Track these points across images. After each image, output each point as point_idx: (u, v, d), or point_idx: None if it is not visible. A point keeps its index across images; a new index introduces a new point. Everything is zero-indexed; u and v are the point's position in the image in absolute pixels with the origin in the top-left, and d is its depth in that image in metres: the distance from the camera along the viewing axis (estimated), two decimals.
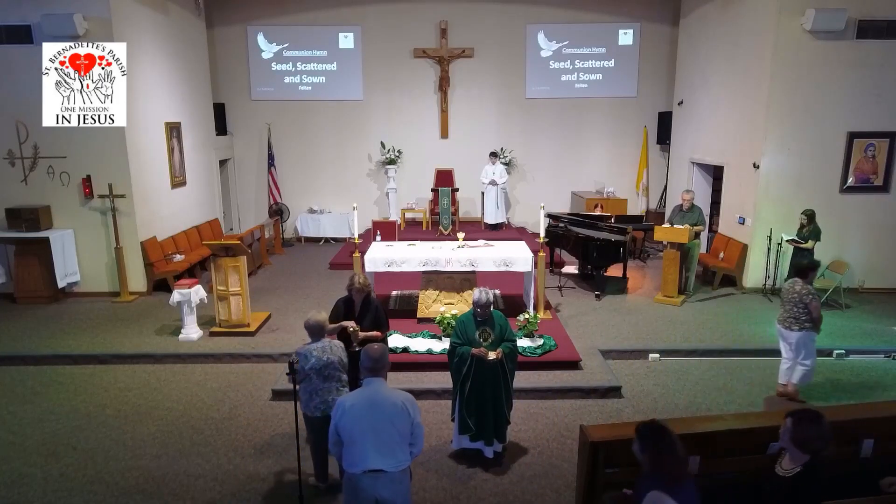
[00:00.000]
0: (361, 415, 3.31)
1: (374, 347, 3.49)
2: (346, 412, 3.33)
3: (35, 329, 7.99)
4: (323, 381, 4.37)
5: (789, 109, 8.94)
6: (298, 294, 9.49)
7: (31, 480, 4.87)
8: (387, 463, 3.31)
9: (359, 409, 3.32)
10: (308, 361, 4.32)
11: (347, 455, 3.36)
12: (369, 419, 3.30)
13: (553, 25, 12.97)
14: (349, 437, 3.32)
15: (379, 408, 3.32)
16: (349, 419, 3.31)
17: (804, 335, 5.91)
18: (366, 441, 3.29)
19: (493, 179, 12.32)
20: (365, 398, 3.36)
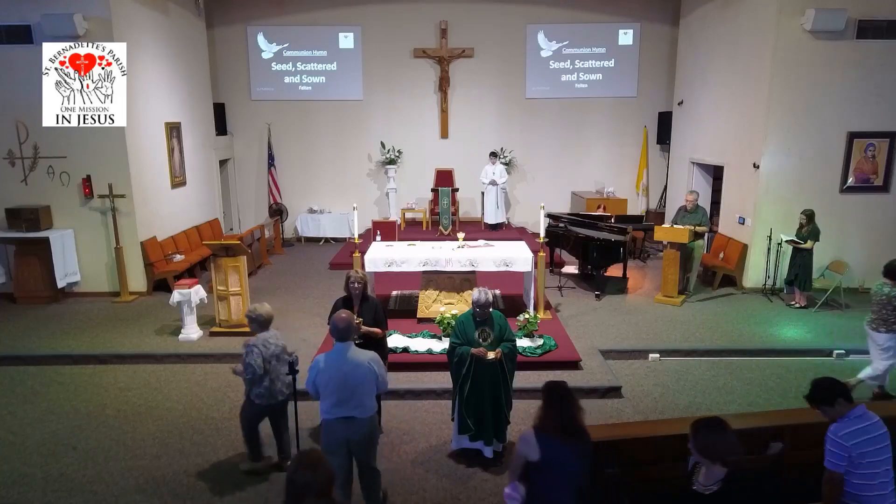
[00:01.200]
0: (333, 372, 3.87)
1: (342, 317, 3.98)
2: (321, 371, 3.91)
3: (35, 329, 7.99)
4: (282, 366, 4.66)
5: (789, 109, 8.94)
6: (298, 294, 9.50)
7: (31, 480, 4.87)
8: (356, 411, 3.93)
9: (331, 367, 3.89)
10: (268, 349, 4.58)
11: (324, 404, 3.96)
12: (340, 375, 3.86)
13: (553, 25, 12.97)
14: (324, 390, 3.90)
15: (347, 366, 3.89)
16: (324, 376, 3.89)
17: (892, 337, 5.77)
18: (337, 393, 3.88)
19: (493, 179, 12.32)
20: (336, 358, 3.92)
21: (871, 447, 3.03)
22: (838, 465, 3.05)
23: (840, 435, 3.05)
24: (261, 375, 4.56)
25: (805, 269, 8.47)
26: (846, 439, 3.03)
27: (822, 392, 3.19)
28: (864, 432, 3.05)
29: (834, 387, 3.17)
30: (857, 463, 3.02)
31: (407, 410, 5.96)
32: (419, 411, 5.98)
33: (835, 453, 3.06)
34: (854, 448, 3.01)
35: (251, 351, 4.54)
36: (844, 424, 3.09)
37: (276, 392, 4.68)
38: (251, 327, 4.72)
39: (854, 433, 3.04)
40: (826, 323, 8.10)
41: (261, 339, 4.63)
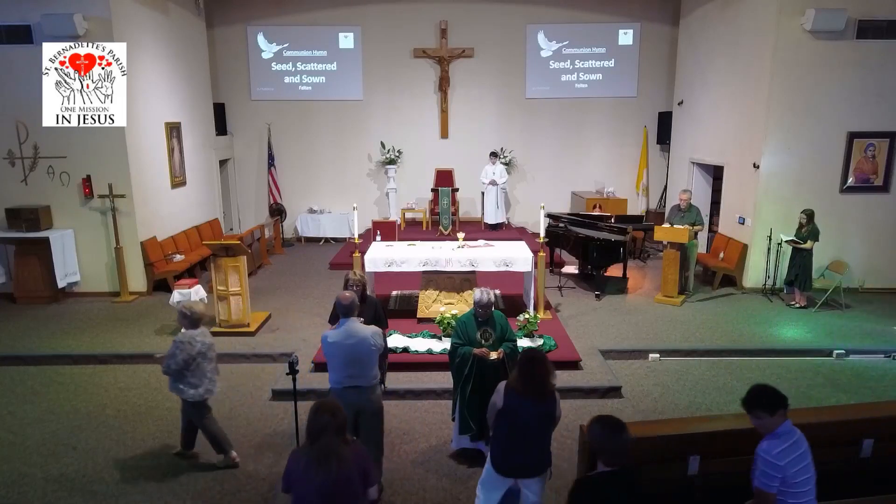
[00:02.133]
0: (339, 346, 4.20)
1: (346, 295, 4.33)
2: (328, 345, 4.23)
3: (35, 329, 7.99)
4: (208, 363, 4.81)
5: (789, 109, 8.94)
6: (298, 294, 9.50)
7: (31, 480, 4.87)
8: (361, 380, 4.27)
9: (337, 341, 4.21)
10: (194, 347, 4.70)
11: (332, 375, 4.31)
12: (345, 349, 4.20)
13: (553, 25, 12.97)
14: (332, 361, 4.26)
15: (352, 339, 4.21)
16: (332, 349, 4.22)
17: None
18: (344, 365, 4.23)
19: (493, 179, 12.31)
20: (341, 333, 4.24)
21: (800, 464, 2.96)
22: (771, 485, 2.94)
23: (774, 454, 2.94)
24: (177, 371, 4.68)
25: (805, 269, 8.47)
26: (780, 458, 2.93)
27: (767, 399, 3.08)
28: (794, 449, 2.98)
29: (777, 396, 3.07)
30: (791, 482, 2.94)
31: (407, 410, 5.97)
32: (419, 411, 5.98)
33: (768, 473, 2.94)
34: (788, 467, 2.93)
35: (175, 346, 4.68)
36: (776, 443, 2.98)
37: (203, 389, 4.82)
38: (182, 323, 4.81)
39: (786, 451, 2.95)
40: (826, 323, 8.10)
41: (187, 336, 4.73)
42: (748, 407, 3.12)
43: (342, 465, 2.84)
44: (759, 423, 3.10)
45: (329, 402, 3.03)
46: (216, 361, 4.96)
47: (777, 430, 3.03)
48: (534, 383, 3.56)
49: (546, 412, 3.63)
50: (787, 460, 2.94)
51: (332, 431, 2.85)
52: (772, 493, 2.96)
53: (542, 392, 3.58)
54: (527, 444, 3.65)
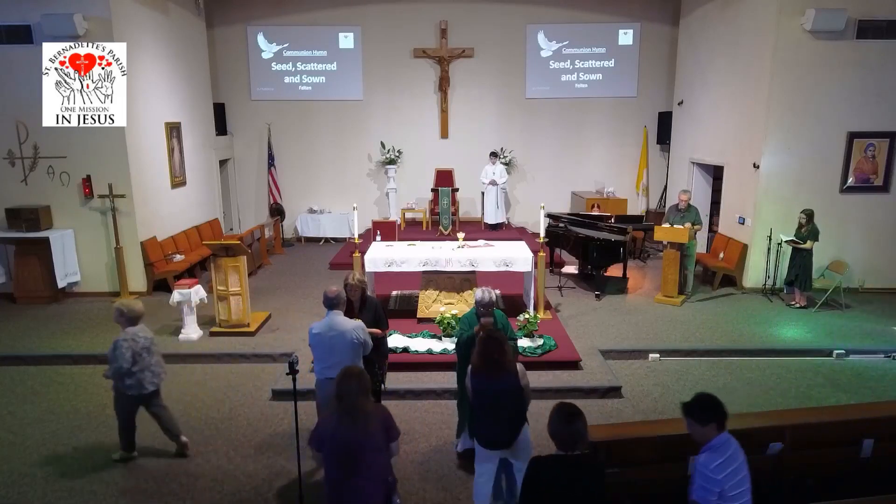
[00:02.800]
0: (322, 337, 4.47)
1: (332, 289, 4.59)
2: (313, 336, 4.51)
3: (35, 329, 7.99)
4: (151, 357, 4.94)
5: (789, 109, 8.94)
6: (298, 294, 9.49)
7: (31, 480, 4.87)
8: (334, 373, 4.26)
9: (321, 333, 4.48)
10: (137, 343, 4.83)
11: (316, 365, 4.61)
12: (327, 340, 4.46)
13: (553, 25, 12.97)
14: (315, 352, 4.56)
15: (333, 332, 4.47)
16: (314, 340, 4.50)
17: None
18: (325, 356, 4.48)
19: (493, 179, 12.31)
20: (324, 325, 4.51)
21: (736, 477, 2.95)
22: (710, 499, 2.92)
23: (711, 468, 2.92)
24: (128, 368, 4.77)
25: (805, 269, 8.47)
26: (717, 472, 2.91)
27: (701, 408, 3.04)
28: (730, 462, 2.96)
29: (717, 408, 3.03)
30: (727, 496, 2.92)
31: (407, 410, 5.96)
32: (419, 411, 5.98)
33: (706, 488, 2.92)
34: (725, 480, 2.91)
35: (119, 346, 4.77)
36: (714, 456, 2.97)
37: (146, 383, 4.91)
38: (119, 322, 4.90)
39: (723, 465, 2.94)
40: (826, 323, 8.10)
41: (129, 334, 4.84)
42: (683, 411, 3.10)
43: (368, 421, 3.23)
44: (690, 429, 3.10)
45: (354, 368, 3.44)
46: (159, 354, 5.09)
47: (713, 442, 3.01)
48: (490, 360, 3.85)
49: (509, 386, 3.89)
50: (724, 474, 2.93)
51: (358, 392, 3.22)
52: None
53: (498, 368, 3.85)
54: (498, 417, 3.92)
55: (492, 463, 4.06)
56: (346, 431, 3.19)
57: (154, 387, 5.00)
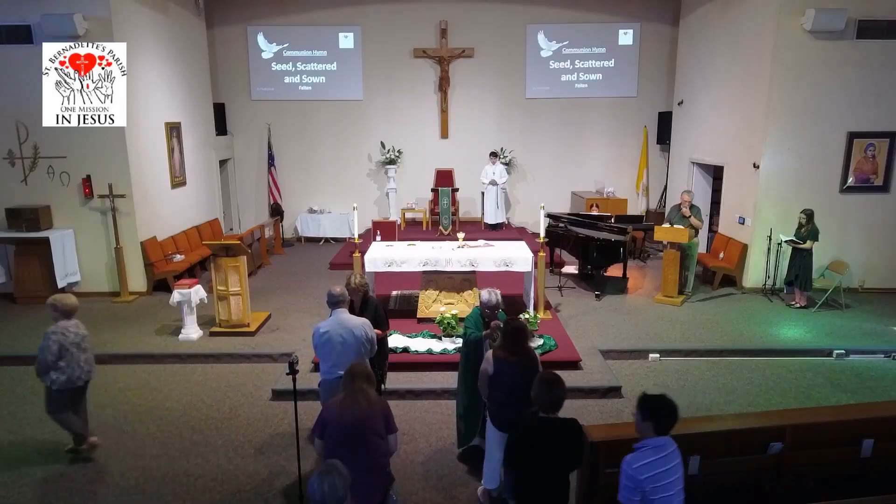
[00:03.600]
0: (333, 335, 4.43)
1: (336, 290, 4.58)
2: (321, 335, 4.44)
3: (35, 329, 7.97)
4: (81, 353, 4.94)
5: (789, 109, 8.94)
6: (298, 294, 9.49)
7: (31, 480, 4.87)
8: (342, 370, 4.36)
9: (331, 331, 4.44)
10: (67, 337, 4.83)
11: (324, 365, 4.54)
12: (336, 338, 4.43)
13: (553, 25, 12.97)
14: (322, 351, 4.48)
15: (342, 329, 4.47)
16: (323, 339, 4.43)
17: None
18: (336, 354, 4.45)
19: (493, 179, 12.32)
20: (334, 323, 4.49)
21: (662, 481, 2.92)
22: (631, 498, 2.94)
23: (634, 468, 2.93)
24: (54, 361, 4.77)
25: (805, 269, 8.47)
26: (639, 472, 2.91)
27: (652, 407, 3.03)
28: (660, 464, 2.94)
29: (662, 411, 3.01)
30: (650, 499, 2.92)
31: (407, 410, 5.96)
32: (419, 411, 5.98)
33: (628, 487, 2.94)
34: (647, 482, 2.90)
35: (47, 338, 4.77)
36: (639, 456, 2.98)
37: (74, 378, 4.91)
38: (53, 315, 4.90)
39: (648, 466, 2.92)
40: (826, 323, 8.11)
41: (60, 327, 4.84)
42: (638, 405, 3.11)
43: (369, 403, 3.47)
44: (635, 420, 3.11)
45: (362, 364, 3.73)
46: (91, 352, 5.07)
47: (645, 441, 3.02)
48: (517, 348, 4.10)
49: (530, 370, 4.04)
50: (647, 475, 2.90)
51: (362, 378, 3.51)
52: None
53: (523, 354, 4.13)
54: (516, 400, 4.07)
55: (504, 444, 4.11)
56: (349, 412, 3.40)
57: (82, 383, 5.01)
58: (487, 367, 4.19)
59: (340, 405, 3.45)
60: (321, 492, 2.53)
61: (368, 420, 3.42)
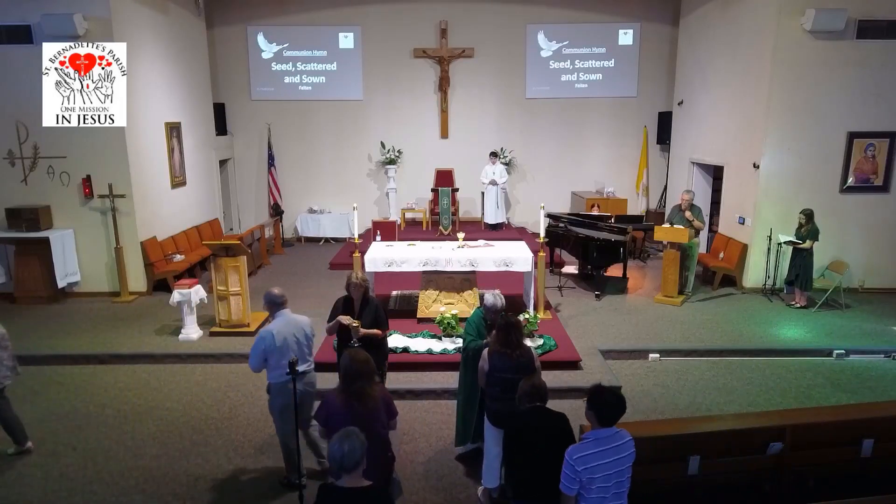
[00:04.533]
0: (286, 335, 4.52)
1: (276, 290, 4.66)
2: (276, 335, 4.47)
3: (35, 329, 7.99)
4: (3, 352, 5.01)
5: (789, 109, 8.94)
6: (298, 294, 9.47)
7: (31, 480, 4.87)
8: (303, 366, 4.60)
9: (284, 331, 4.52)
10: None
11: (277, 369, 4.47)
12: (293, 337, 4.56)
13: (553, 25, 12.97)
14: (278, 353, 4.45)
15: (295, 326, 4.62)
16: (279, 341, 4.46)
17: None
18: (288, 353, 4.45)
19: (493, 179, 12.32)
20: (284, 324, 4.57)
21: (598, 473, 2.99)
22: (570, 487, 3.03)
23: (574, 458, 3.01)
24: None
25: (806, 268, 8.47)
26: (578, 463, 2.99)
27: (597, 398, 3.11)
28: (598, 457, 3.00)
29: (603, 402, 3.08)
30: (588, 488, 3.00)
31: (407, 410, 5.96)
32: (419, 411, 5.98)
33: (567, 475, 3.03)
34: (584, 473, 2.98)
35: None
36: (581, 447, 3.06)
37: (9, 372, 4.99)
38: None
39: (588, 457, 3.00)
40: (826, 323, 8.10)
41: None
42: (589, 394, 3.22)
43: (373, 401, 3.62)
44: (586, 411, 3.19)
45: (361, 353, 3.74)
46: (10, 350, 5.11)
47: (589, 433, 3.10)
48: (509, 341, 4.20)
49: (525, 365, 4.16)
50: (585, 467, 2.98)
51: (364, 377, 3.59)
52: (571, 495, 3.05)
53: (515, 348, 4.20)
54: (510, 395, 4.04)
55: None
56: (354, 411, 3.54)
57: (7, 381, 5.03)
58: (483, 365, 4.32)
59: (345, 404, 3.56)
60: (341, 452, 2.79)
61: (372, 415, 3.59)
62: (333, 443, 2.82)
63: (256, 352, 4.47)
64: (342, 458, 2.78)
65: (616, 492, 3.05)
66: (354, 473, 2.83)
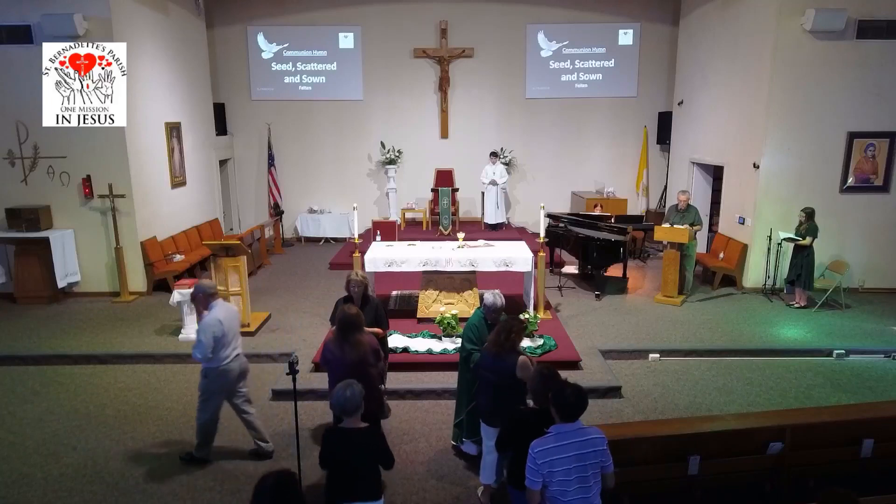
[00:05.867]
0: (231, 321, 4.85)
1: (206, 281, 5.01)
2: (220, 324, 4.72)
3: (35, 329, 7.99)
4: None
5: (789, 109, 8.94)
6: (298, 294, 9.49)
7: (31, 480, 4.87)
8: (238, 350, 5.00)
9: (227, 319, 4.81)
10: None
11: (221, 354, 4.77)
12: (233, 322, 4.89)
13: (553, 25, 12.97)
14: (224, 340, 4.75)
15: (232, 313, 4.98)
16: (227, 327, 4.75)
17: None
18: (233, 339, 4.87)
19: (493, 179, 12.32)
20: (225, 311, 4.86)
21: (558, 467, 3.03)
22: (533, 481, 3.07)
23: (535, 452, 3.06)
24: None
25: (807, 268, 8.47)
26: (539, 457, 3.04)
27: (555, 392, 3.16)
28: (558, 451, 3.04)
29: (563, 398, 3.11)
30: (550, 481, 3.05)
31: (407, 410, 5.97)
32: (419, 411, 5.98)
33: (531, 469, 3.07)
34: (544, 466, 3.03)
35: None
36: (542, 441, 3.10)
37: None
38: None
39: (549, 451, 3.05)
40: (826, 323, 8.11)
41: None
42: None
43: (362, 346, 4.31)
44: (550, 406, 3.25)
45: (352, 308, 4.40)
46: None
47: (553, 427, 3.14)
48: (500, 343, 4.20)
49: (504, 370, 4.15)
50: (546, 460, 3.03)
51: (356, 328, 4.31)
52: (534, 489, 3.10)
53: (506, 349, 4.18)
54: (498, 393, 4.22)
55: None
56: (349, 356, 4.24)
57: None
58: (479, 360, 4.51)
59: (341, 350, 4.26)
60: (344, 397, 3.34)
61: (364, 358, 4.29)
62: (337, 391, 3.38)
63: (207, 339, 4.65)
64: (344, 402, 3.34)
65: (580, 486, 3.06)
66: (354, 416, 3.39)
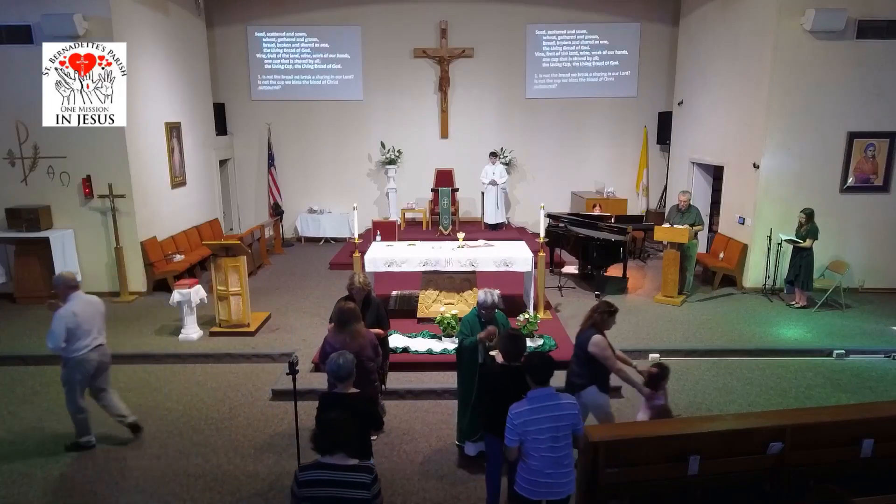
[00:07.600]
0: (91, 312, 5.07)
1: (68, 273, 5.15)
2: (76, 316, 4.91)
3: (35, 329, 7.98)
4: None
5: (789, 109, 8.94)
6: (298, 294, 9.49)
7: (31, 480, 4.87)
8: (102, 339, 5.26)
9: (84, 310, 4.99)
10: None
11: (79, 344, 4.96)
12: (91, 312, 5.09)
13: (553, 25, 12.96)
14: (81, 331, 4.95)
15: (92, 305, 5.16)
16: (81, 318, 4.95)
17: None
18: (91, 329, 5.07)
19: (493, 179, 12.32)
20: (85, 303, 5.06)
21: (532, 427, 3.44)
22: (510, 439, 3.49)
23: (513, 413, 3.48)
24: None
25: (807, 268, 8.47)
26: (516, 418, 3.46)
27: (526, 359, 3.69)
28: (532, 413, 3.45)
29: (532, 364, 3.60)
30: (525, 439, 3.47)
31: (407, 410, 5.97)
32: (419, 411, 5.98)
33: (510, 429, 3.48)
34: (520, 426, 3.44)
35: None
36: (519, 404, 3.51)
37: None
38: None
39: (521, 413, 3.46)
40: (826, 323, 8.11)
41: None
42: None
43: (362, 338, 4.53)
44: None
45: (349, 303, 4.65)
46: None
47: (529, 392, 3.56)
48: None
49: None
50: (521, 420, 3.46)
51: (354, 320, 4.51)
52: (512, 446, 3.51)
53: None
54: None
55: None
56: (348, 346, 4.34)
57: None
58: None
59: (340, 341, 4.43)
60: (338, 364, 3.74)
61: (363, 350, 4.45)
62: (330, 359, 3.77)
63: (59, 330, 4.83)
64: (338, 369, 3.73)
65: (552, 445, 3.46)
66: (347, 382, 3.79)
